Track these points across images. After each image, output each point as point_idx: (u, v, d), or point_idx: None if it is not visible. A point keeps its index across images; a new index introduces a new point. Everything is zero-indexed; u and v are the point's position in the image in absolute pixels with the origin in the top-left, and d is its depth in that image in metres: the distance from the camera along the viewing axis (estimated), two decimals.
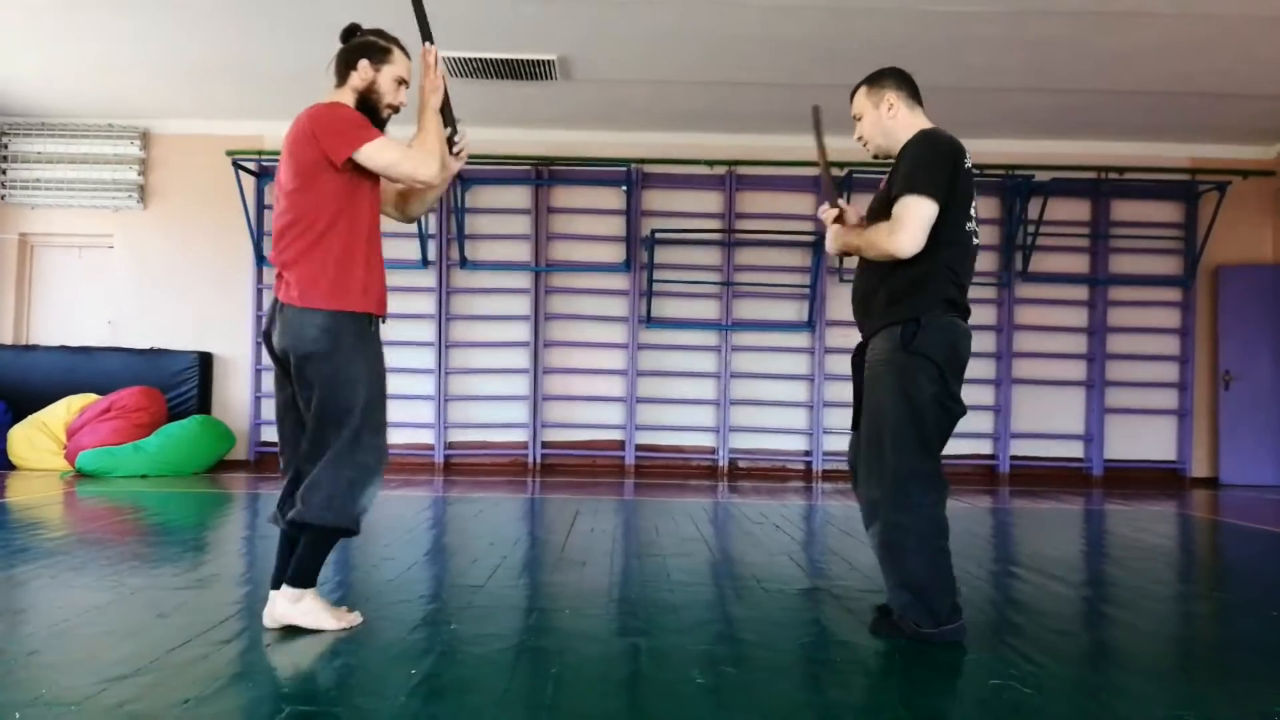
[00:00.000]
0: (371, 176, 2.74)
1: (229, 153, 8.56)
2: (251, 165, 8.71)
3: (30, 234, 9.02)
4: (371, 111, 2.77)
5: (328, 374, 2.63)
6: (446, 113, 2.86)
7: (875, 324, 2.84)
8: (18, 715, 2.02)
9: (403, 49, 2.84)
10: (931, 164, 2.72)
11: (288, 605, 2.71)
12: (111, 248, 8.97)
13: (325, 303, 2.63)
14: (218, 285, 8.84)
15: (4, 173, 8.83)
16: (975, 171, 2.93)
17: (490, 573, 3.69)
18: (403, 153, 2.69)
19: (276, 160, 8.53)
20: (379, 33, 2.84)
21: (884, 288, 2.83)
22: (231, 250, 8.79)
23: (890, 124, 2.94)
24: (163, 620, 2.88)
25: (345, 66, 2.79)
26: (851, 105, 3.04)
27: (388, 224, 2.98)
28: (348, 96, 2.77)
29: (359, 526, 2.72)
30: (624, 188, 8.66)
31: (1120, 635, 3.00)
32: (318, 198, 2.65)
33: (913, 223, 2.68)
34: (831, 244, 3.00)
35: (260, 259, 8.72)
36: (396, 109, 2.83)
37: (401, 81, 2.82)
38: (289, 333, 2.64)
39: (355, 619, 2.82)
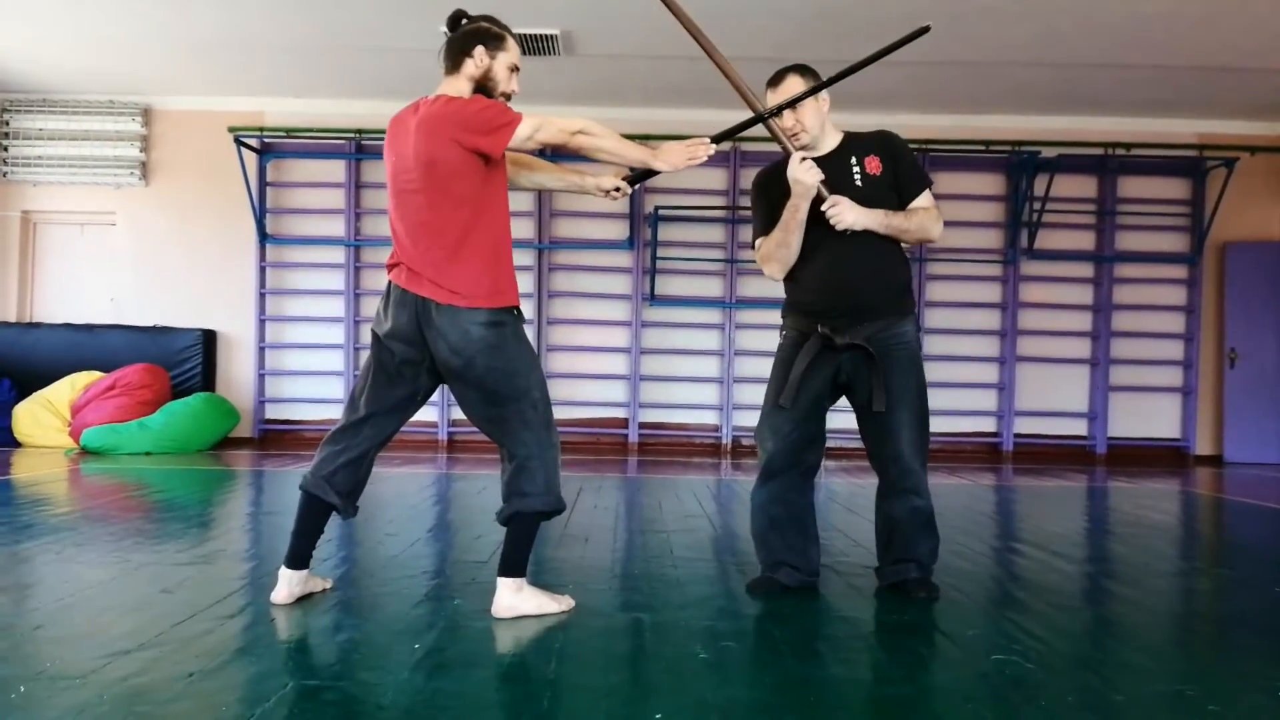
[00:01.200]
0: (502, 160, 2.69)
1: (231, 129, 8.52)
2: (253, 141, 8.67)
3: (32, 211, 9.00)
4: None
5: (502, 365, 2.63)
6: (641, 173, 2.90)
7: (897, 309, 2.99)
8: (22, 688, 2.03)
9: (514, 35, 2.79)
10: None
11: (512, 596, 2.70)
12: (114, 225, 8.95)
13: (489, 300, 2.62)
14: (221, 262, 8.83)
15: (5, 150, 8.80)
16: (981, 149, 3.27)
17: (494, 549, 3.68)
18: (543, 119, 2.64)
19: (279, 136, 8.67)
20: (490, 19, 2.77)
21: (897, 276, 3.03)
22: (234, 227, 8.76)
23: (825, 118, 3.04)
24: (167, 595, 2.89)
25: (459, 54, 2.71)
26: (780, 92, 3.00)
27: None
28: (463, 85, 2.70)
29: (565, 505, 2.76)
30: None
31: (1123, 611, 3.00)
32: (462, 196, 2.60)
33: None
34: (861, 219, 2.88)
35: (263, 235, 8.70)
36: (509, 97, 2.77)
37: (515, 69, 2.77)
38: (454, 334, 2.59)
39: (570, 602, 2.81)
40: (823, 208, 2.88)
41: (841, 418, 3.40)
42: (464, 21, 2.77)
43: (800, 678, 2.24)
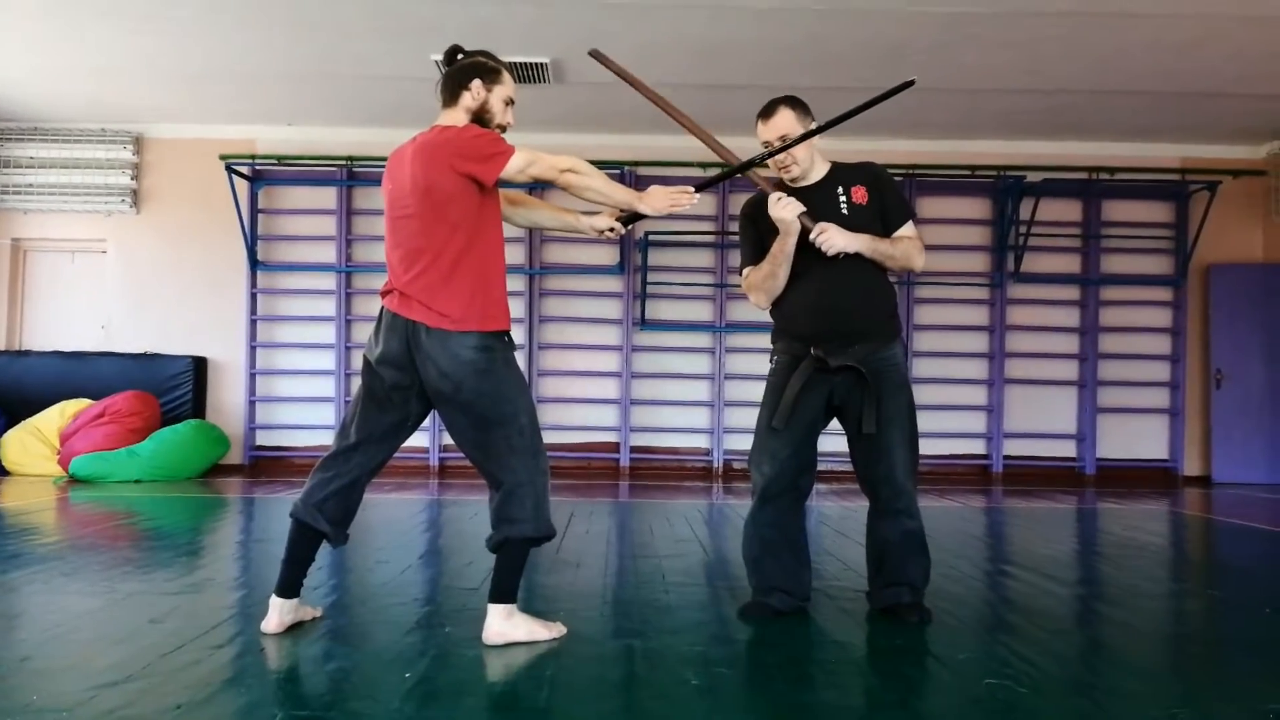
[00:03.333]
0: (495, 190, 2.74)
1: (222, 157, 8.53)
2: (245, 169, 8.69)
3: (23, 239, 8.98)
4: None
5: (490, 390, 2.64)
6: (630, 215, 2.95)
7: (885, 332, 3.05)
8: None
9: (509, 70, 2.86)
10: None
11: (503, 622, 2.69)
12: (104, 252, 8.94)
13: (479, 324, 2.64)
14: (211, 289, 8.82)
15: None
16: (967, 173, 3.37)
17: (485, 575, 3.66)
18: (536, 155, 2.68)
19: (270, 164, 8.70)
20: (486, 54, 2.84)
21: (884, 301, 3.10)
22: (225, 254, 8.76)
23: (814, 149, 3.10)
24: (155, 625, 2.87)
25: (457, 87, 2.77)
26: (772, 124, 3.05)
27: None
28: (461, 116, 2.76)
29: (554, 531, 2.76)
30: None
31: (1114, 634, 3.00)
32: (455, 222, 2.63)
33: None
34: (850, 242, 2.93)
35: (254, 263, 8.70)
36: (505, 129, 2.82)
37: (510, 102, 2.83)
38: (443, 358, 2.61)
39: (561, 629, 2.80)
40: (811, 237, 2.93)
41: (832, 440, 3.42)
42: (460, 56, 2.83)
43: (792, 703, 2.24)
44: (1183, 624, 3.30)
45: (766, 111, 3.08)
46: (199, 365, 8.70)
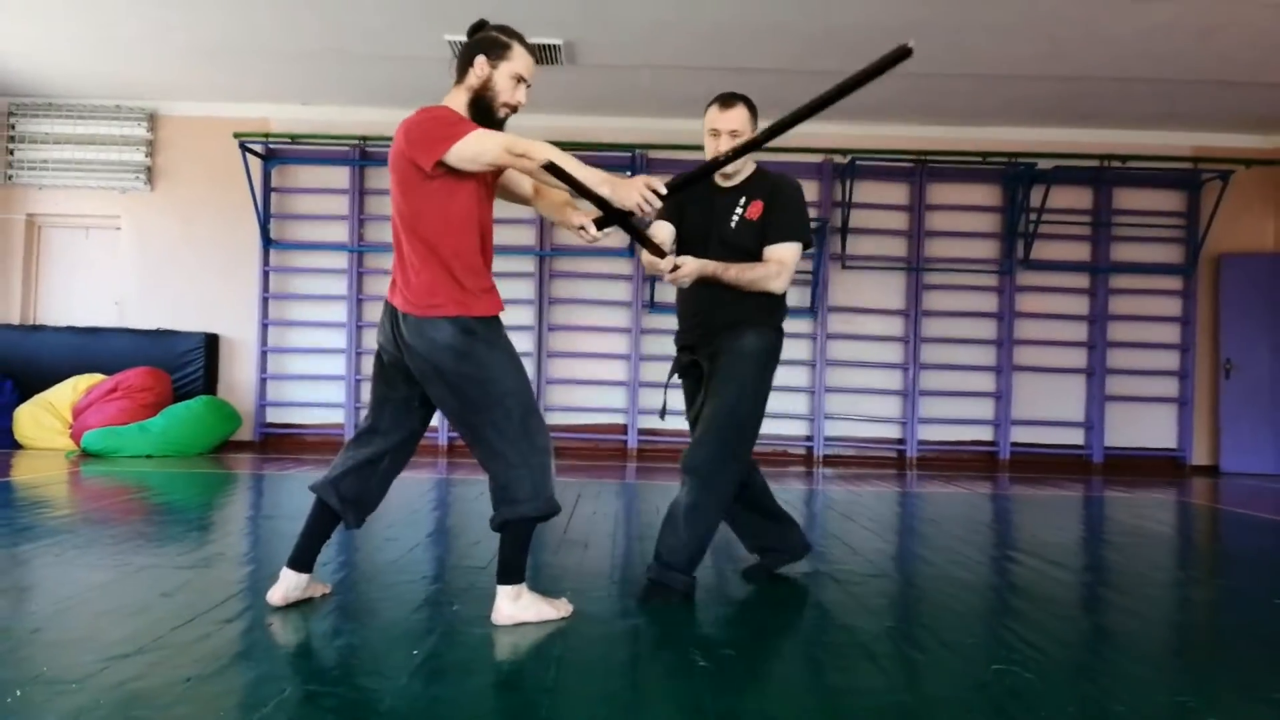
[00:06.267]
0: (476, 174, 2.61)
1: (236, 135, 8.54)
2: (258, 147, 8.70)
3: (37, 214, 9.02)
4: (486, 111, 2.67)
5: (472, 373, 2.60)
6: (613, 216, 2.63)
7: (744, 323, 3.09)
8: (19, 692, 2.03)
9: (525, 45, 2.72)
10: (806, 214, 3.20)
11: (511, 603, 2.70)
12: (119, 229, 8.98)
13: (453, 310, 2.59)
14: (224, 267, 8.85)
15: (11, 153, 8.83)
16: (978, 160, 3.34)
17: (492, 554, 3.67)
18: (493, 140, 2.50)
19: (284, 143, 8.71)
20: (502, 28, 2.73)
21: (748, 298, 3.10)
22: (238, 232, 8.79)
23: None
24: (166, 599, 2.90)
25: (463, 63, 2.69)
26: (727, 116, 3.07)
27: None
28: (462, 95, 2.68)
29: (559, 507, 2.74)
30: (628, 173, 8.65)
31: (1121, 621, 3.00)
32: (421, 206, 2.59)
33: (792, 268, 3.12)
34: (691, 276, 2.98)
35: (267, 241, 8.72)
36: (514, 108, 2.70)
37: (520, 79, 2.68)
38: (418, 342, 2.60)
39: (568, 608, 2.81)
40: (668, 277, 2.94)
41: (837, 426, 3.46)
42: (482, 30, 2.74)
43: (799, 685, 2.25)
44: (1189, 612, 3.29)
45: (727, 102, 3.10)
46: (211, 342, 8.74)
